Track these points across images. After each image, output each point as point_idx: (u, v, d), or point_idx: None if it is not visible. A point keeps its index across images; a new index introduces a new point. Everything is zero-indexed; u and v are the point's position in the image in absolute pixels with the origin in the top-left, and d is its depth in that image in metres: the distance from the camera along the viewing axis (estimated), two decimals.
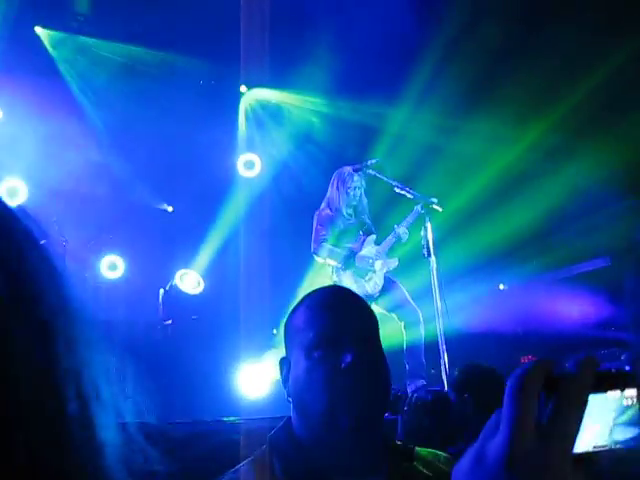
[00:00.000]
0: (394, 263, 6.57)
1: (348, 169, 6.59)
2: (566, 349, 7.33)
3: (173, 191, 8.89)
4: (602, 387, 0.68)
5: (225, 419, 5.13)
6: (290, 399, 1.66)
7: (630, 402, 0.68)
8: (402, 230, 6.48)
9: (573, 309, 7.52)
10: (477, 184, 8.10)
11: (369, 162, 6.51)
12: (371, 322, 1.67)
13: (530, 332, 7.68)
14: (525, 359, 7.62)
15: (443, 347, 5.69)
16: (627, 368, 0.70)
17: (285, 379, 1.69)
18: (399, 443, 1.72)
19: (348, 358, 1.55)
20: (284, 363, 1.71)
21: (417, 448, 1.72)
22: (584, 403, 0.67)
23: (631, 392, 0.68)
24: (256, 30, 8.31)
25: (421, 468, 1.67)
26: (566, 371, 0.67)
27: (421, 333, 6.21)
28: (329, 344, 1.58)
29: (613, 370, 0.69)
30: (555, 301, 7.68)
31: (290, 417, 1.68)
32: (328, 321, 1.61)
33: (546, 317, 7.57)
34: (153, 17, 8.12)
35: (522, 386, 0.65)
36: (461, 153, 8.30)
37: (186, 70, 8.77)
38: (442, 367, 5.53)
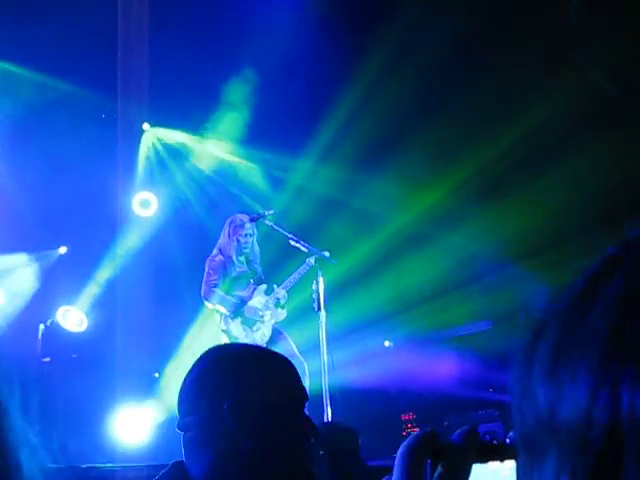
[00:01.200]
0: (283, 314, 6.60)
1: (241, 217, 6.62)
2: (446, 408, 7.51)
3: (63, 225, 8.59)
4: (484, 457, 0.73)
5: (100, 465, 4.95)
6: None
7: (509, 473, 0.73)
8: (281, 293, 6.55)
9: (454, 369, 7.72)
10: (372, 241, 8.28)
11: (266, 212, 6.55)
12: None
13: (412, 390, 7.82)
14: (406, 416, 7.74)
15: (327, 401, 5.72)
16: (507, 441, 0.76)
17: None
18: None
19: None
20: None
21: None
22: (467, 472, 0.71)
23: (510, 463, 0.73)
24: (149, 69, 8.28)
25: None
26: (451, 441, 0.72)
27: (306, 386, 6.21)
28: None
29: (494, 442, 0.75)
30: (437, 361, 7.86)
31: (182, 461, 1.66)
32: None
33: (428, 376, 7.74)
34: (53, 42, 7.95)
35: (411, 454, 0.69)
36: (359, 210, 8.50)
37: (89, 102, 8.60)
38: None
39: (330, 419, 5.53)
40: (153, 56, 8.26)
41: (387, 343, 8.82)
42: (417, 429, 7.54)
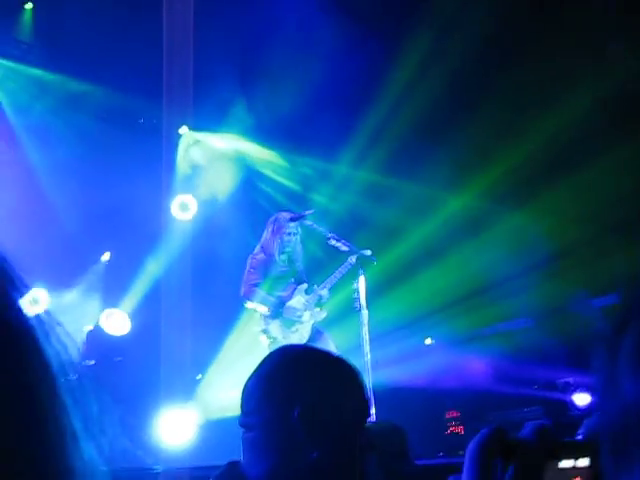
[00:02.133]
0: (322, 315, 6.57)
1: (285, 215, 6.61)
2: (489, 406, 7.43)
3: (106, 230, 8.72)
4: (557, 455, 0.70)
5: (146, 467, 4.99)
6: None
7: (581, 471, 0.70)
8: (323, 292, 6.52)
9: (495, 366, 7.64)
10: (412, 240, 8.25)
11: (306, 212, 6.54)
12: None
13: (455, 387, 7.75)
14: (450, 414, 7.68)
15: (371, 401, 5.69)
16: (579, 438, 0.73)
17: None
18: None
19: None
20: None
21: None
22: (541, 470, 0.69)
23: (584, 462, 0.70)
24: (180, 70, 8.34)
25: None
26: (522, 438, 0.70)
27: None
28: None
29: (567, 440, 0.72)
30: (479, 358, 7.79)
31: (238, 461, 1.63)
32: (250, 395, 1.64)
33: (470, 373, 7.67)
34: (97, 51, 8.09)
35: (481, 452, 0.68)
36: (398, 209, 8.47)
37: (127, 107, 8.72)
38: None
39: (375, 418, 5.50)
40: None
41: (429, 341, 8.77)
42: (461, 427, 7.48)
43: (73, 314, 8.12)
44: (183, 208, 8.85)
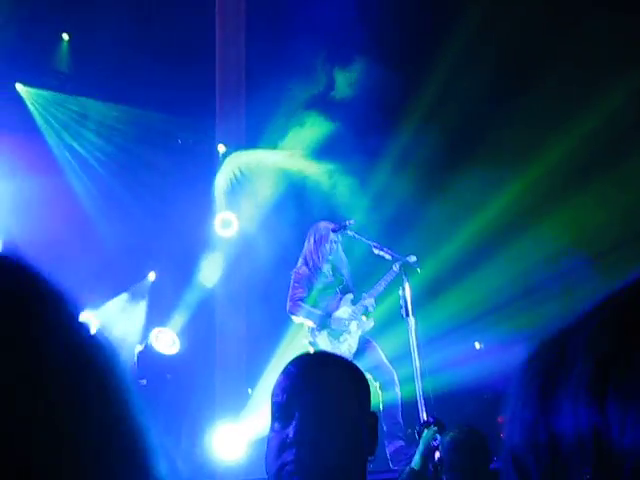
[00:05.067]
0: (369, 324, 6.54)
1: (326, 224, 6.61)
2: None
3: (150, 251, 8.85)
4: None
5: None
6: None
7: None
8: (369, 302, 6.49)
9: None
10: (456, 244, 8.20)
11: (347, 222, 6.53)
12: (332, 391, 1.56)
13: (507, 391, 7.66)
14: (502, 419, 7.58)
15: (422, 407, 5.65)
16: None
17: None
18: None
19: (291, 433, 1.50)
20: None
21: None
22: None
23: None
24: (233, 90, 8.46)
25: None
26: None
27: (396, 393, 6.17)
28: (282, 416, 1.54)
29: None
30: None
31: None
32: (281, 391, 1.57)
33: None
34: (132, 76, 8.25)
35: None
36: (437, 217, 8.43)
37: (164, 129, 8.85)
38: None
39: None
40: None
41: (478, 345, 8.68)
42: None
43: (118, 333, 8.25)
44: (226, 225, 8.92)
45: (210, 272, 8.53)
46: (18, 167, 7.86)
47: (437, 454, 3.96)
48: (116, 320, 8.48)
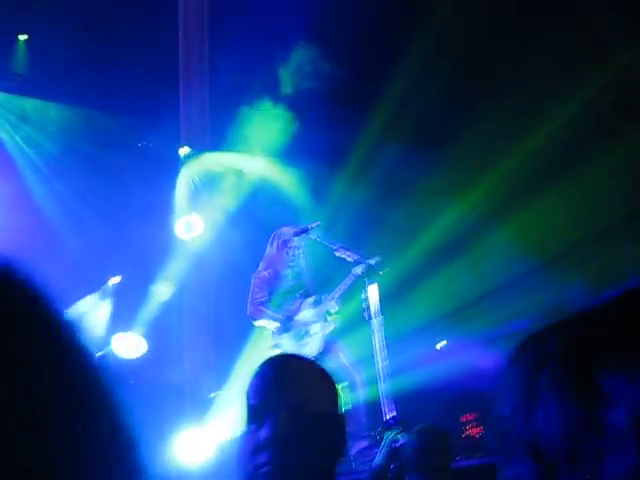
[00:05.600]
0: (331, 326, 6.54)
1: (288, 229, 6.60)
2: None
3: (112, 256, 8.72)
4: None
5: None
6: None
7: None
8: (330, 305, 6.50)
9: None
10: (420, 244, 8.26)
11: (310, 226, 6.52)
12: (305, 393, 1.58)
13: (468, 390, 7.73)
14: (465, 418, 7.65)
15: (385, 408, 5.69)
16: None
17: None
18: None
19: (264, 434, 1.51)
20: None
21: None
22: None
23: None
24: (196, 93, 8.42)
25: None
26: None
27: (360, 394, 6.19)
28: (256, 417, 1.55)
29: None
30: (493, 359, 7.77)
31: None
32: (255, 393, 1.59)
33: (483, 375, 7.64)
34: (91, 78, 8.15)
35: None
36: (401, 218, 8.48)
37: (124, 132, 8.76)
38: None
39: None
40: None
41: (440, 345, 8.75)
42: (478, 429, 7.46)
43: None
44: (188, 228, 8.86)
45: (165, 284, 8.45)
46: None
47: (399, 454, 3.99)
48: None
